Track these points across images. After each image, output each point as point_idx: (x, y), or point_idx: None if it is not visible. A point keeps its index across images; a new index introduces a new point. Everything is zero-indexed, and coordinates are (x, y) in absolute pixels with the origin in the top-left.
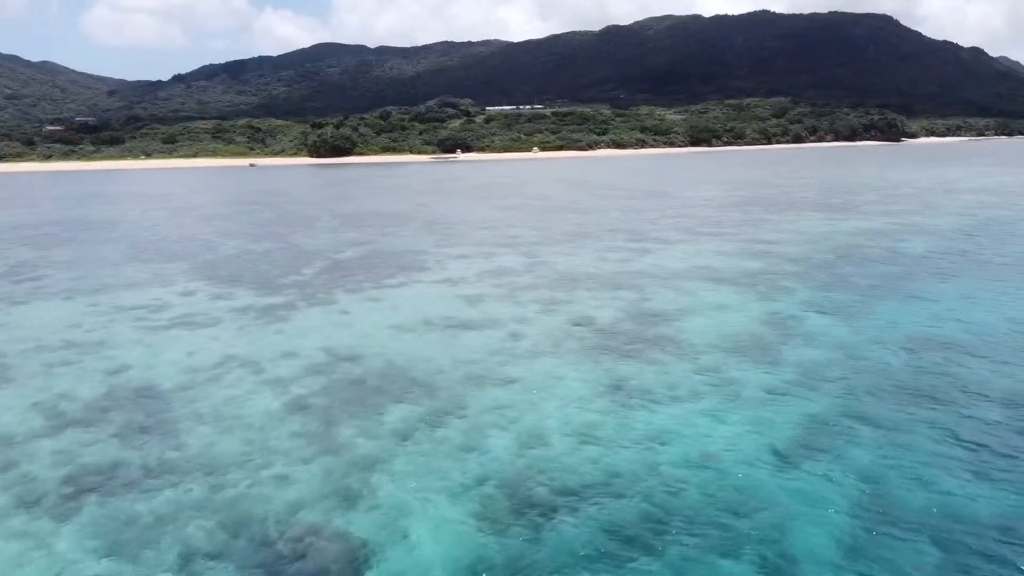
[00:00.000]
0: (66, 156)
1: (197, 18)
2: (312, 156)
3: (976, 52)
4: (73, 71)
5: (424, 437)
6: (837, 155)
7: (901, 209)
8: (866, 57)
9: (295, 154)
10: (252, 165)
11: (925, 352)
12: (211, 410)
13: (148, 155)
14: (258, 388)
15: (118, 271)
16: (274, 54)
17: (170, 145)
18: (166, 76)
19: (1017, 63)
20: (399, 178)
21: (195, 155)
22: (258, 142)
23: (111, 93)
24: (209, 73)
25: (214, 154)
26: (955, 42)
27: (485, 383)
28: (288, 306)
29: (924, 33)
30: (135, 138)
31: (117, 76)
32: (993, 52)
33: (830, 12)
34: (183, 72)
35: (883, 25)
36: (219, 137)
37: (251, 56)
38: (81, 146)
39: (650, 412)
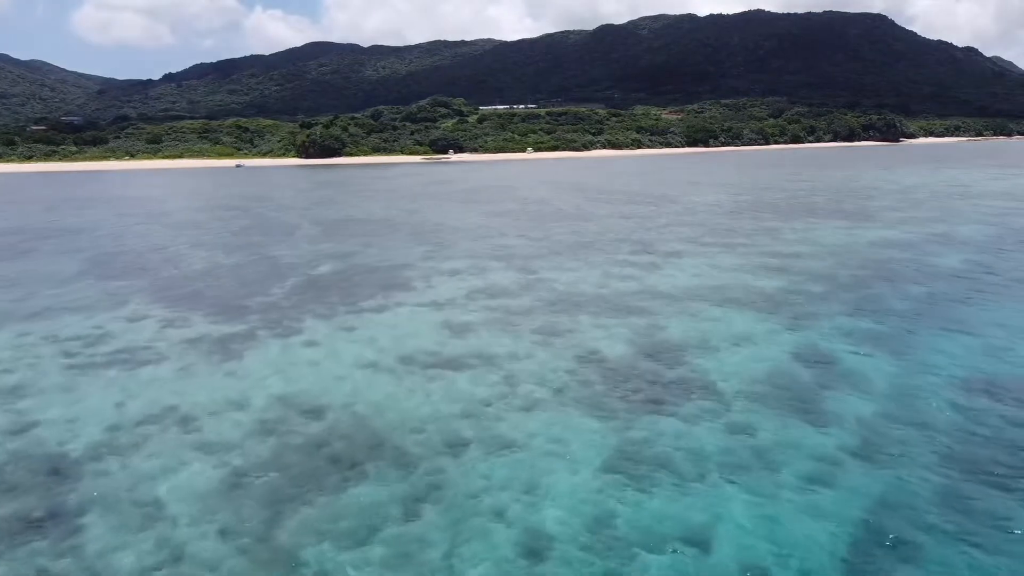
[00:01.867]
0: (48, 156)
1: (185, 17)
2: (300, 157)
3: (970, 52)
4: (63, 70)
5: (393, 537)
6: (838, 156)
7: (921, 216)
8: (861, 56)
9: (283, 155)
10: (239, 166)
11: (993, 402)
12: (126, 492)
13: (132, 155)
14: (191, 458)
15: (65, 291)
16: (265, 53)
17: (155, 145)
18: (157, 75)
19: (1010, 63)
20: (388, 180)
21: (180, 155)
22: (246, 142)
23: (101, 92)
24: (200, 72)
25: (200, 154)
26: (949, 42)
27: (473, 451)
28: (248, 337)
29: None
30: (119, 138)
31: (108, 75)
32: (984, 52)
33: (825, 11)
34: (174, 71)
35: (878, 24)
36: (206, 137)
37: (240, 55)
38: (63, 146)
39: (675, 497)
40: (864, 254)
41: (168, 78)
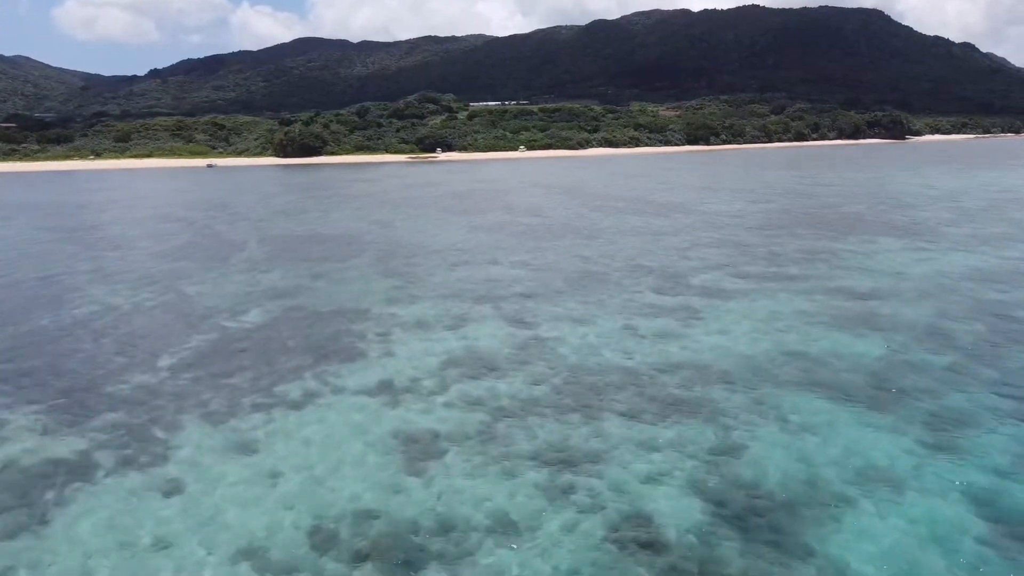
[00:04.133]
0: (7, 156)
1: (171, 12)
2: (278, 156)
3: (967, 47)
4: (47, 66)
5: None
6: (848, 155)
7: (995, 233)
8: (858, 52)
9: (260, 154)
10: (210, 166)
11: None
12: None
13: (98, 155)
14: None
15: None
16: (254, 49)
17: (123, 144)
18: (144, 72)
19: (1004, 60)
20: (367, 183)
21: (150, 155)
22: (221, 140)
23: (85, 88)
24: (187, 68)
25: (171, 153)
26: (946, 37)
27: None
28: (78, 469)
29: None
30: (86, 135)
31: (95, 71)
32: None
33: (820, 6)
34: (160, 67)
35: (874, 20)
36: (179, 135)
37: (228, 51)
38: (25, 145)
39: None
40: (965, 293)
41: (153, 74)
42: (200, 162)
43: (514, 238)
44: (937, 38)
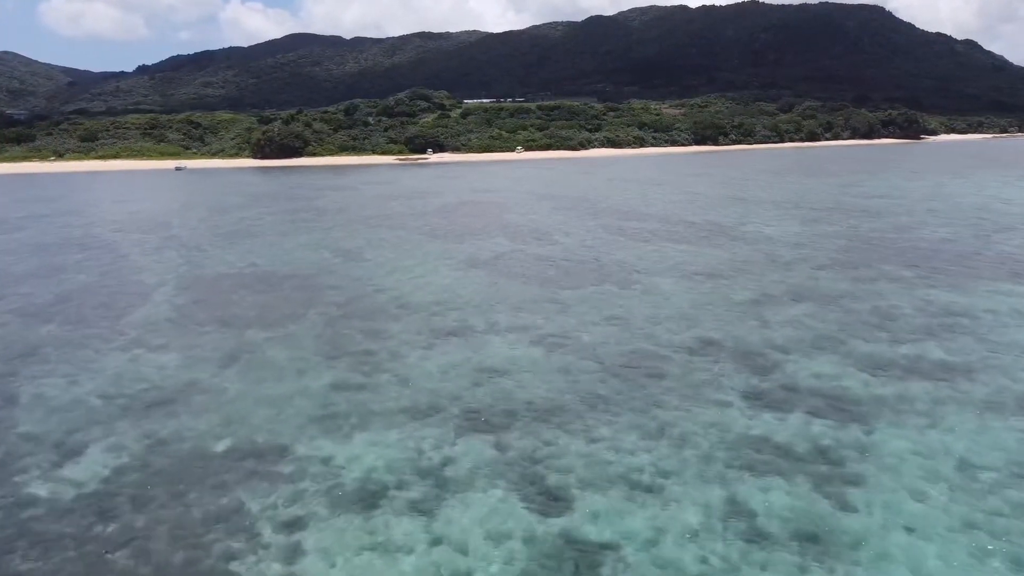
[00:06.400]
0: None
1: (160, 9)
2: (256, 157)
3: (969, 45)
4: (35, 61)
5: None
6: (871, 156)
7: None
8: (861, 49)
9: (236, 154)
10: (179, 168)
11: None
12: None
13: (60, 155)
14: None
15: None
16: (244, 45)
17: (88, 144)
18: (132, 68)
19: (1002, 57)
20: (345, 192)
21: (116, 155)
22: (196, 140)
23: (71, 84)
24: (176, 64)
25: (140, 154)
26: (948, 34)
27: None
28: None
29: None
30: (50, 134)
31: (84, 67)
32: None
33: (821, 3)
34: (149, 63)
35: (875, 16)
36: (150, 134)
37: (218, 48)
38: None
39: None
40: None
41: (142, 70)
42: (170, 163)
43: (519, 283)
44: (939, 35)
